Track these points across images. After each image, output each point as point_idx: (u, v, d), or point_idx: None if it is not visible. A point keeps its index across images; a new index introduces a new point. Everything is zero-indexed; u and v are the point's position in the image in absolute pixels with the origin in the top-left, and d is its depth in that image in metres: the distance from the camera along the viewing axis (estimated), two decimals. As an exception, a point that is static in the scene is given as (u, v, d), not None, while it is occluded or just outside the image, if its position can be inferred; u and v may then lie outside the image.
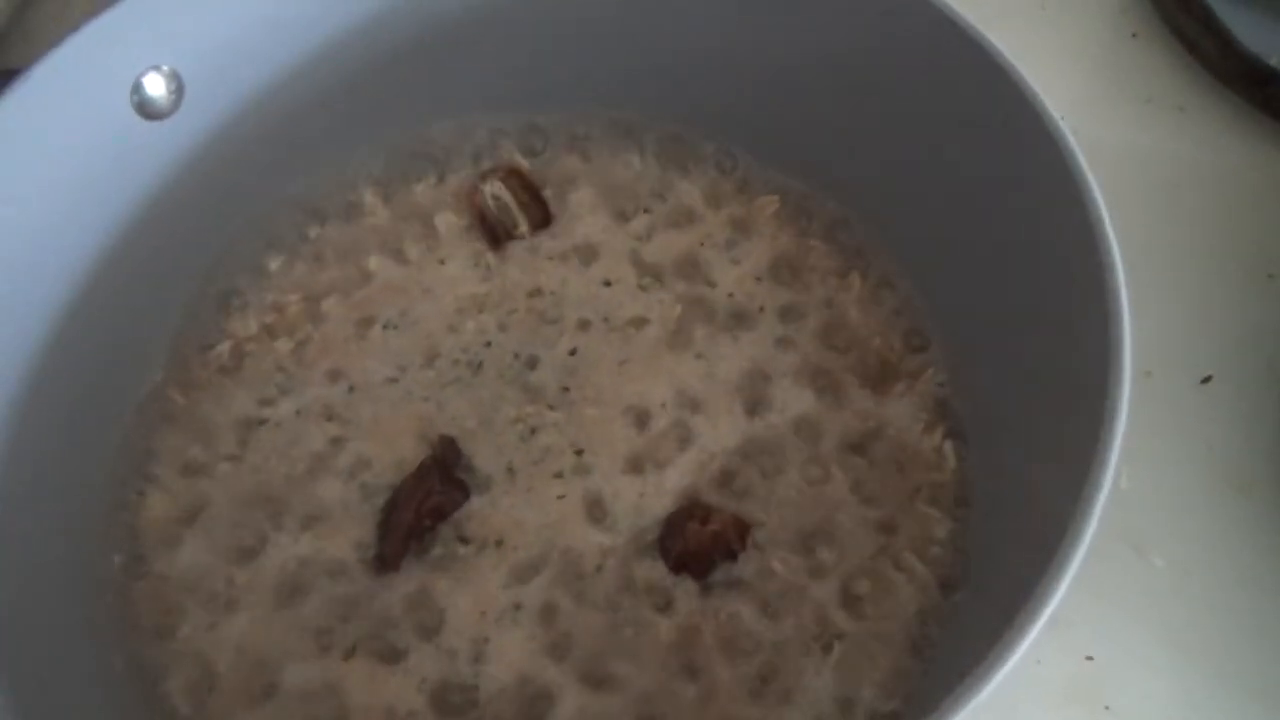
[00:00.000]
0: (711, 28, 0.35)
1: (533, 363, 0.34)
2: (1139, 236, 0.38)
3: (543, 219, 0.37)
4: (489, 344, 0.35)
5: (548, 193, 0.37)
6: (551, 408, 0.33)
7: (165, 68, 0.31)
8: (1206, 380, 0.38)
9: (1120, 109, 0.44)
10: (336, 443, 0.33)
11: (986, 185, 0.30)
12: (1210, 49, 0.43)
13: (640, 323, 0.35)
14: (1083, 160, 0.27)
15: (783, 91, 0.36)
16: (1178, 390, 0.38)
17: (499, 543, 0.31)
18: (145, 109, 0.31)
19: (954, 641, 0.29)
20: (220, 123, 0.33)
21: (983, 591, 0.29)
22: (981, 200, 0.31)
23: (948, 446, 0.32)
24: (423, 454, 0.32)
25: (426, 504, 0.30)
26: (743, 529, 0.30)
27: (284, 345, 0.35)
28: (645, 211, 0.37)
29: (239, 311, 0.35)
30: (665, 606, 0.30)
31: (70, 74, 0.29)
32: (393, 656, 0.30)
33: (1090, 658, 0.33)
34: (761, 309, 0.35)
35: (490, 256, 0.36)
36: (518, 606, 0.30)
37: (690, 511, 0.31)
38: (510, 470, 0.32)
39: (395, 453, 0.32)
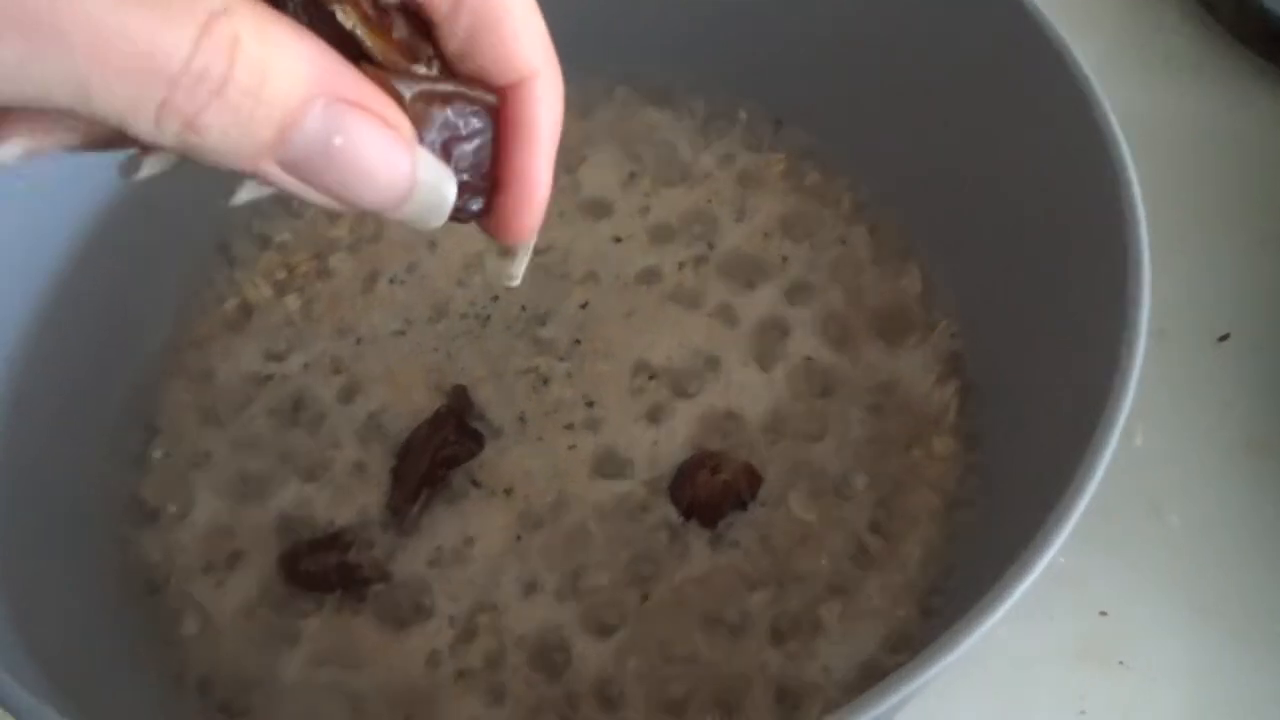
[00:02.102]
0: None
1: (542, 317, 0.34)
2: (1155, 195, 0.38)
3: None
4: (496, 298, 0.34)
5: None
6: (562, 359, 0.33)
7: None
8: (1223, 339, 0.37)
9: (1137, 69, 0.43)
10: (346, 393, 0.33)
11: (1006, 137, 0.30)
12: (1227, 8, 0.42)
13: (650, 277, 0.35)
14: (1110, 112, 0.27)
15: (798, 48, 0.35)
16: (1194, 349, 0.37)
17: (508, 491, 0.31)
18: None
19: (961, 591, 0.29)
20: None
21: (989, 543, 0.29)
22: (1000, 151, 0.30)
23: (960, 399, 0.32)
24: (435, 403, 0.32)
25: (441, 453, 0.30)
26: (753, 478, 0.30)
27: (293, 301, 0.35)
28: (655, 168, 0.37)
29: (246, 268, 0.35)
30: (677, 555, 0.30)
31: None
32: (408, 602, 0.29)
33: (1104, 613, 0.33)
34: (772, 263, 0.35)
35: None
36: (529, 552, 0.30)
37: (701, 461, 0.30)
38: (521, 420, 0.32)
39: (408, 402, 0.32)
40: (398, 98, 0.16)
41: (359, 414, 0.32)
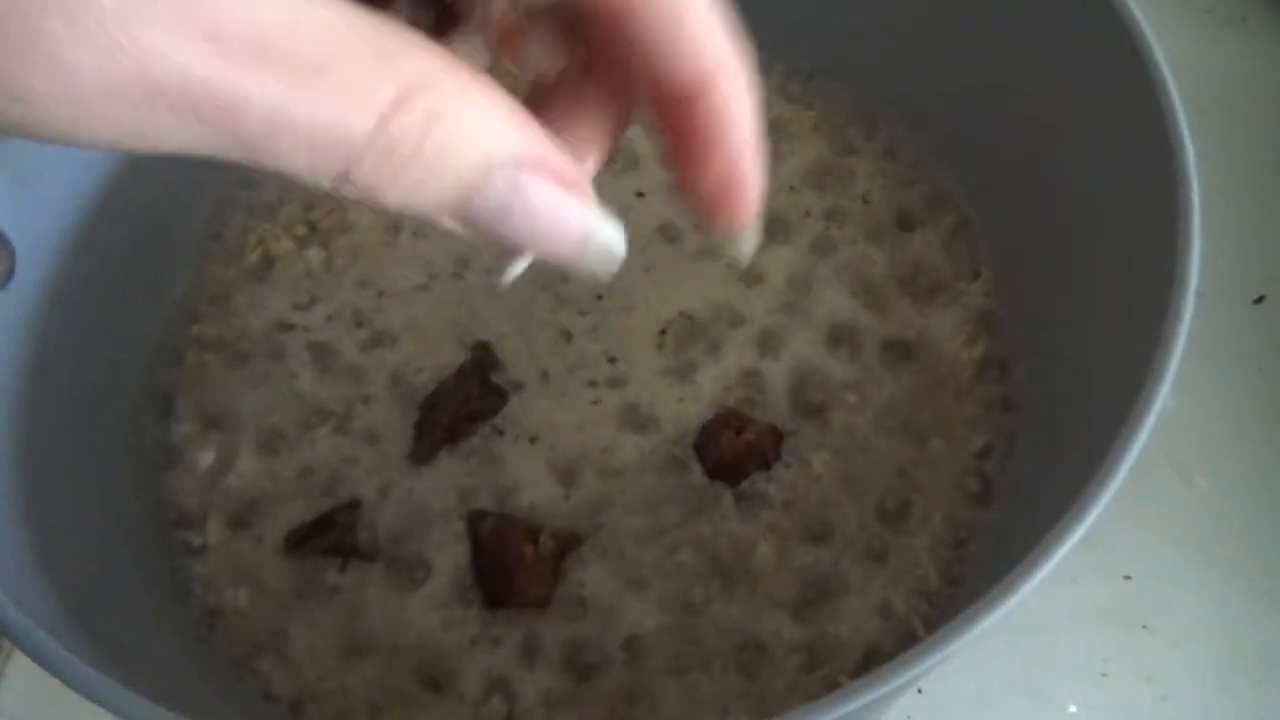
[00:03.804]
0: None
1: (564, 272, 0.33)
2: (1194, 150, 0.37)
3: None
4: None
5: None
6: (584, 314, 0.32)
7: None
8: (1259, 300, 0.37)
9: (1180, 20, 0.42)
10: (369, 345, 0.32)
11: (1050, 89, 0.29)
12: (1276, -44, 0.41)
13: (673, 232, 0.34)
14: (1164, 66, 0.26)
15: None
16: (1229, 310, 0.36)
17: (534, 439, 0.30)
18: None
19: (990, 557, 0.29)
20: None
21: (1020, 507, 0.29)
22: (1044, 104, 0.29)
23: (991, 358, 0.31)
24: (459, 358, 0.32)
25: (465, 409, 0.30)
26: (777, 438, 0.30)
27: (315, 255, 0.34)
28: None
29: (267, 219, 0.35)
30: (702, 514, 0.29)
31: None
32: (423, 560, 0.29)
33: (1129, 577, 0.33)
34: (798, 218, 0.34)
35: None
36: (554, 505, 0.30)
37: (725, 420, 0.30)
38: (544, 376, 0.31)
39: (431, 356, 0.32)
40: None
41: (382, 367, 0.32)
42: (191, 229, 0.34)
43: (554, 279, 0.33)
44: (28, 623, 0.20)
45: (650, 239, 0.34)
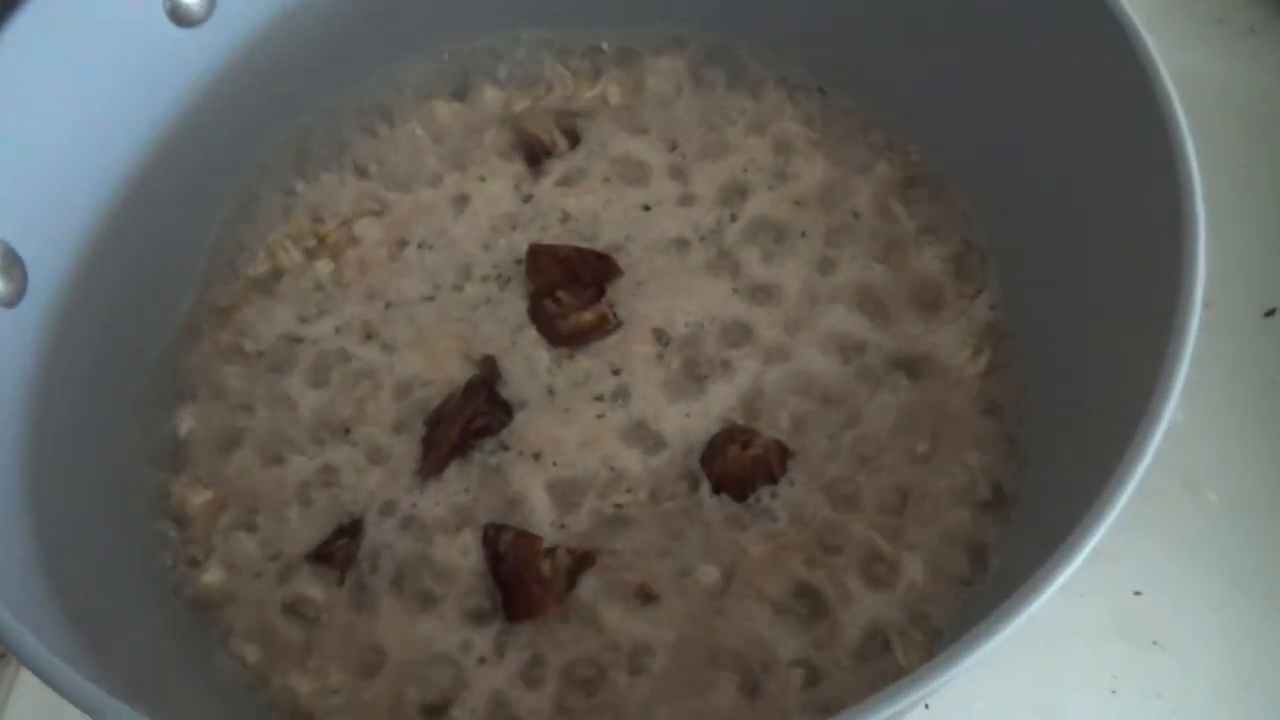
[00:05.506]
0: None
1: (569, 284, 0.33)
2: (1204, 162, 0.37)
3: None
4: (519, 261, 0.34)
5: (585, 122, 0.36)
6: (589, 326, 0.32)
7: (198, -28, 0.30)
8: (1270, 314, 0.36)
9: (1190, 31, 0.42)
10: (377, 357, 0.32)
11: (1057, 104, 0.29)
12: (1285, -33, 0.41)
13: (680, 245, 0.34)
14: (1169, 82, 0.26)
15: (844, 12, 0.34)
16: (1239, 323, 0.36)
17: (537, 455, 0.30)
18: (178, 14, 0.30)
19: (996, 572, 0.29)
20: (254, 32, 0.32)
21: (1028, 522, 0.29)
22: (1051, 120, 0.29)
23: (997, 373, 0.31)
24: (465, 371, 0.32)
25: (473, 424, 0.30)
26: (783, 453, 0.30)
27: (323, 266, 0.34)
28: (690, 135, 0.36)
29: (276, 231, 0.35)
30: (708, 528, 0.29)
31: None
32: (430, 576, 0.29)
33: (1138, 593, 0.33)
34: (805, 232, 0.34)
35: (529, 178, 0.36)
36: (561, 519, 0.30)
37: (731, 435, 0.30)
38: (550, 391, 0.31)
39: (439, 369, 0.32)
40: None
41: (390, 379, 0.32)
42: (200, 242, 0.34)
43: (560, 292, 0.33)
44: (32, 639, 0.20)
45: (657, 252, 0.34)
